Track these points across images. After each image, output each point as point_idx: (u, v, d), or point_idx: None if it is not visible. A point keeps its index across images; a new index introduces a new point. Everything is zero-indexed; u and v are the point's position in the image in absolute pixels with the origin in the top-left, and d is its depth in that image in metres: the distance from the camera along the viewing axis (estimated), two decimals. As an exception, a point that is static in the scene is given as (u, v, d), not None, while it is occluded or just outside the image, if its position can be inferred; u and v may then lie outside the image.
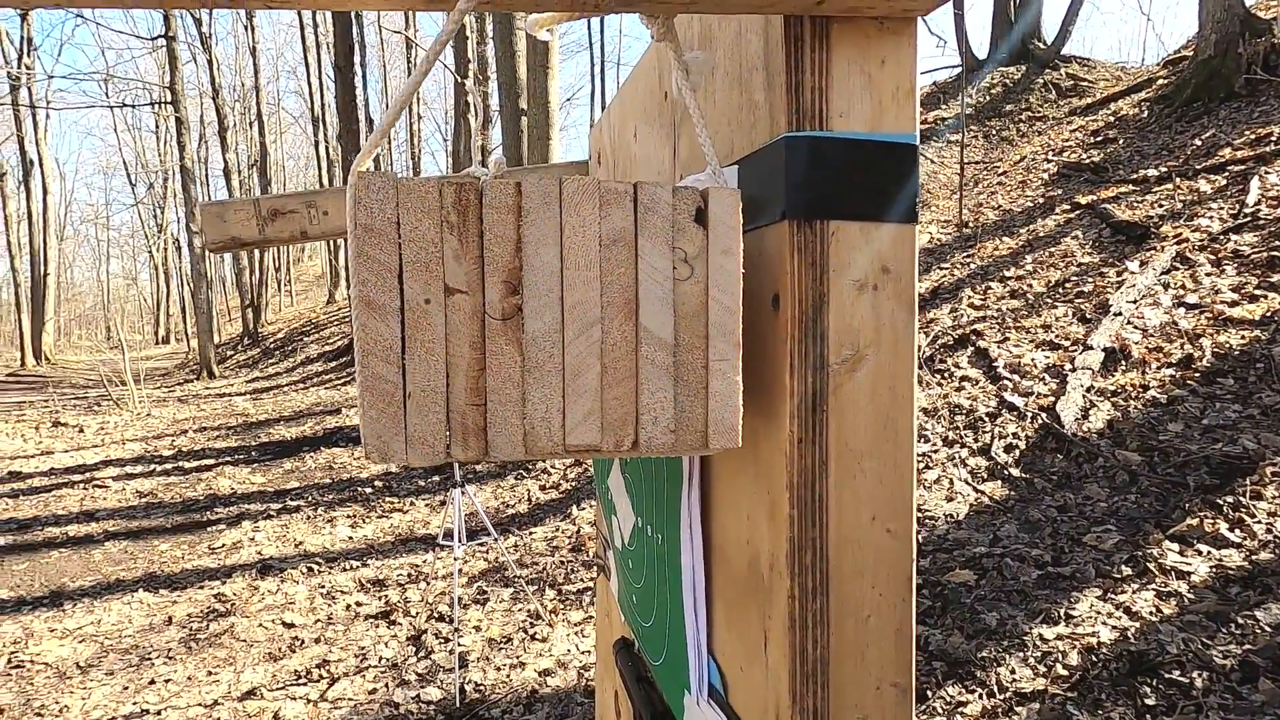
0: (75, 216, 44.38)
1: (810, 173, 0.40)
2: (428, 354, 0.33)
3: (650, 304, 0.35)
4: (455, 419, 0.34)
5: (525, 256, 0.34)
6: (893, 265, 0.41)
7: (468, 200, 0.33)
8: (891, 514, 0.42)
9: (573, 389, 0.34)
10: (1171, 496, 2.77)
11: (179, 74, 15.69)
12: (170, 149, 28.77)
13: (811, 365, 0.40)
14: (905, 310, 0.41)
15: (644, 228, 0.35)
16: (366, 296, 0.32)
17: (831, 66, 0.39)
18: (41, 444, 7.42)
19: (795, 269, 0.40)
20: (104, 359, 18.87)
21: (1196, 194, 5.23)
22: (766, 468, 0.43)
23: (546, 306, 0.34)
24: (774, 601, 0.43)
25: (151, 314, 42.18)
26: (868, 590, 0.42)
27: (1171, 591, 2.30)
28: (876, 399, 0.41)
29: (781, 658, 0.41)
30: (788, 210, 0.40)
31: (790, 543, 0.41)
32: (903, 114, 0.40)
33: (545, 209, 0.34)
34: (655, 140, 0.63)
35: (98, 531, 4.61)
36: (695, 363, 0.36)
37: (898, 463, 0.42)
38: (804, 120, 0.39)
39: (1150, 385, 3.45)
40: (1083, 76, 10.00)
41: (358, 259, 0.32)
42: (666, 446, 0.35)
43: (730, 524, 0.49)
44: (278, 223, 0.87)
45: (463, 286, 0.34)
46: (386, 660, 2.88)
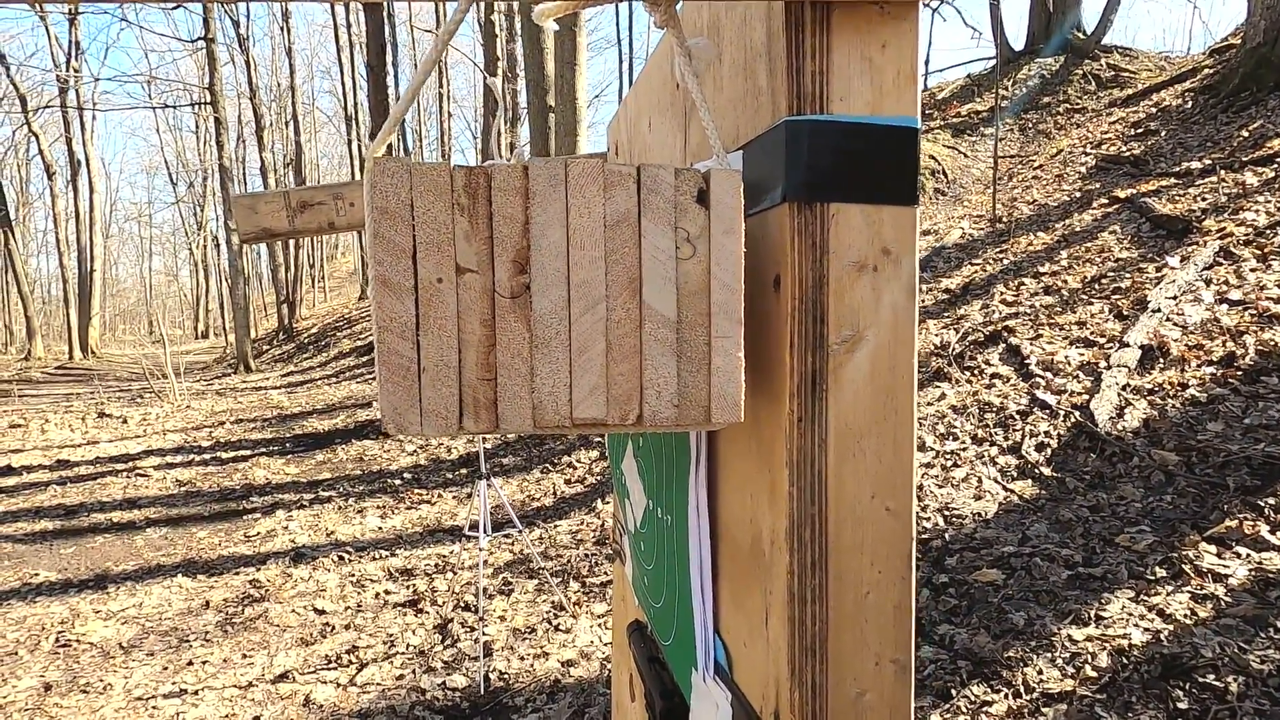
0: (120, 215, 45.82)
1: (810, 156, 0.40)
2: (441, 330, 0.35)
3: (654, 282, 0.36)
4: (467, 393, 0.35)
5: (533, 237, 0.35)
6: (893, 247, 0.41)
7: (478, 183, 0.35)
8: (891, 492, 0.42)
9: (579, 364, 0.36)
10: (1210, 497, 2.70)
11: (218, 75, 16.09)
12: (209, 148, 29.53)
13: (811, 345, 0.41)
14: (905, 291, 0.42)
15: (647, 208, 0.36)
16: (383, 276, 0.34)
17: (832, 51, 0.40)
18: (88, 434, 7.70)
19: (796, 250, 0.40)
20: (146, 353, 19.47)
21: (1242, 187, 5.06)
22: (768, 447, 0.44)
23: (553, 285, 0.35)
24: (774, 577, 0.44)
25: (191, 309, 43.37)
26: (867, 567, 0.42)
27: (1208, 594, 2.25)
28: (876, 379, 0.42)
29: (781, 632, 0.42)
30: (788, 192, 0.40)
31: (790, 519, 0.42)
32: (904, 98, 0.41)
33: (552, 191, 0.35)
34: (667, 129, 0.64)
35: (140, 518, 4.77)
36: (698, 339, 0.37)
37: (897, 441, 0.42)
38: (805, 104, 0.40)
39: (1189, 384, 3.36)
40: (1124, 67, 9.71)
41: (375, 240, 0.34)
42: (670, 420, 0.36)
43: (735, 503, 0.50)
44: (306, 214, 0.89)
45: (473, 266, 0.35)
46: (414, 648, 2.94)
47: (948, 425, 3.76)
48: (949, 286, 5.64)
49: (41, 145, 22.56)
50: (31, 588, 3.68)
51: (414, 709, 2.54)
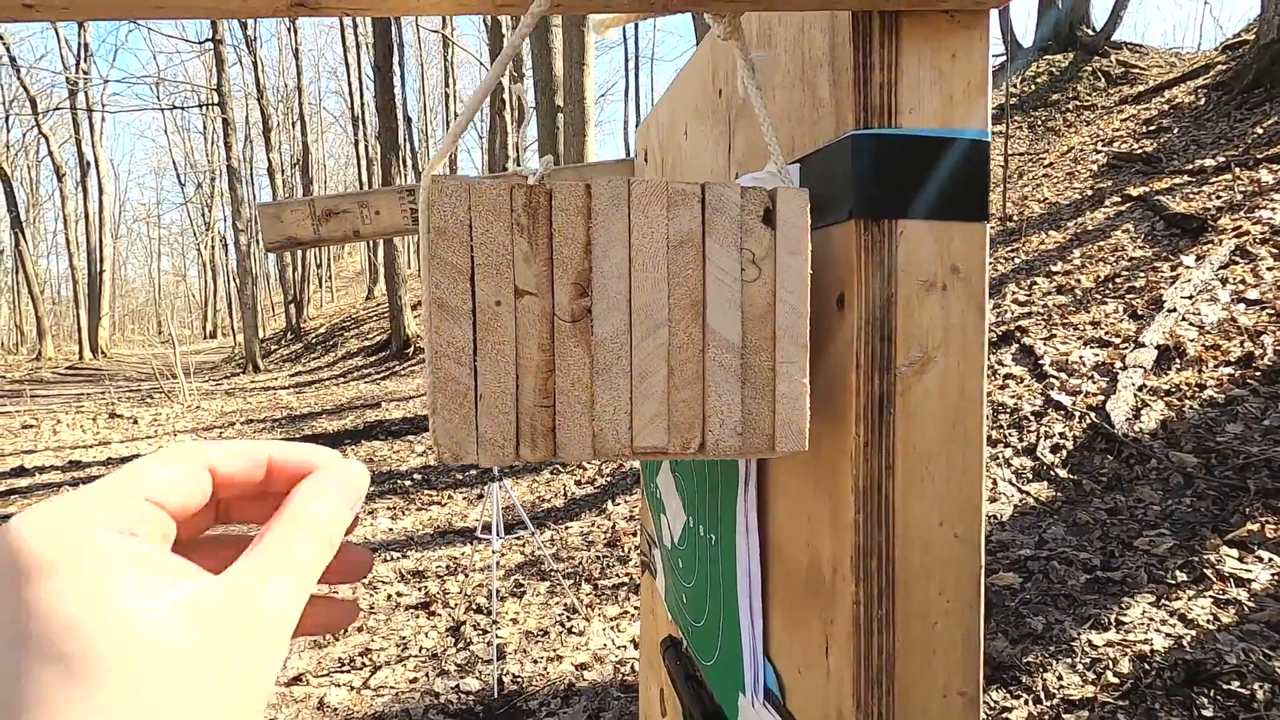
0: (128, 215, 46.10)
1: (878, 170, 0.39)
2: (499, 356, 0.34)
3: (717, 305, 0.35)
4: (524, 420, 0.34)
5: (594, 258, 0.34)
6: (962, 265, 0.40)
7: (538, 203, 0.33)
8: (960, 517, 0.41)
9: (640, 391, 0.34)
10: (1230, 500, 2.67)
11: (225, 76, 16.15)
12: (217, 149, 29.68)
13: (878, 367, 0.40)
14: (975, 310, 0.40)
15: (711, 229, 0.35)
16: (440, 298, 0.33)
17: (901, 61, 0.38)
18: (99, 434, 7.74)
19: (862, 269, 0.39)
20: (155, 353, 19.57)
21: (1258, 185, 5.01)
22: (830, 471, 0.42)
23: (615, 308, 0.34)
24: (837, 606, 0.42)
25: (199, 309, 43.61)
26: (935, 595, 0.41)
27: (1230, 599, 2.22)
28: (945, 400, 0.40)
29: (845, 662, 0.41)
30: (855, 209, 0.39)
31: (855, 547, 0.40)
32: (974, 110, 0.39)
33: (614, 210, 0.34)
34: (707, 138, 0.63)
35: (152, 519, 4.78)
36: (762, 365, 0.35)
37: (966, 465, 0.41)
38: (871, 117, 0.39)
39: (1207, 384, 3.32)
40: (1134, 64, 9.64)
41: (431, 262, 0.33)
42: (734, 449, 0.35)
43: (789, 526, 0.48)
44: (331, 223, 0.88)
45: (532, 288, 0.34)
46: (426, 650, 2.93)
47: (961, 426, 3.73)
48: (960, 286, 5.59)
49: (51, 147, 22.71)
50: (46, 589, 3.69)
51: (428, 712, 2.54)
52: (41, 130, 22.72)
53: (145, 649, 0.21)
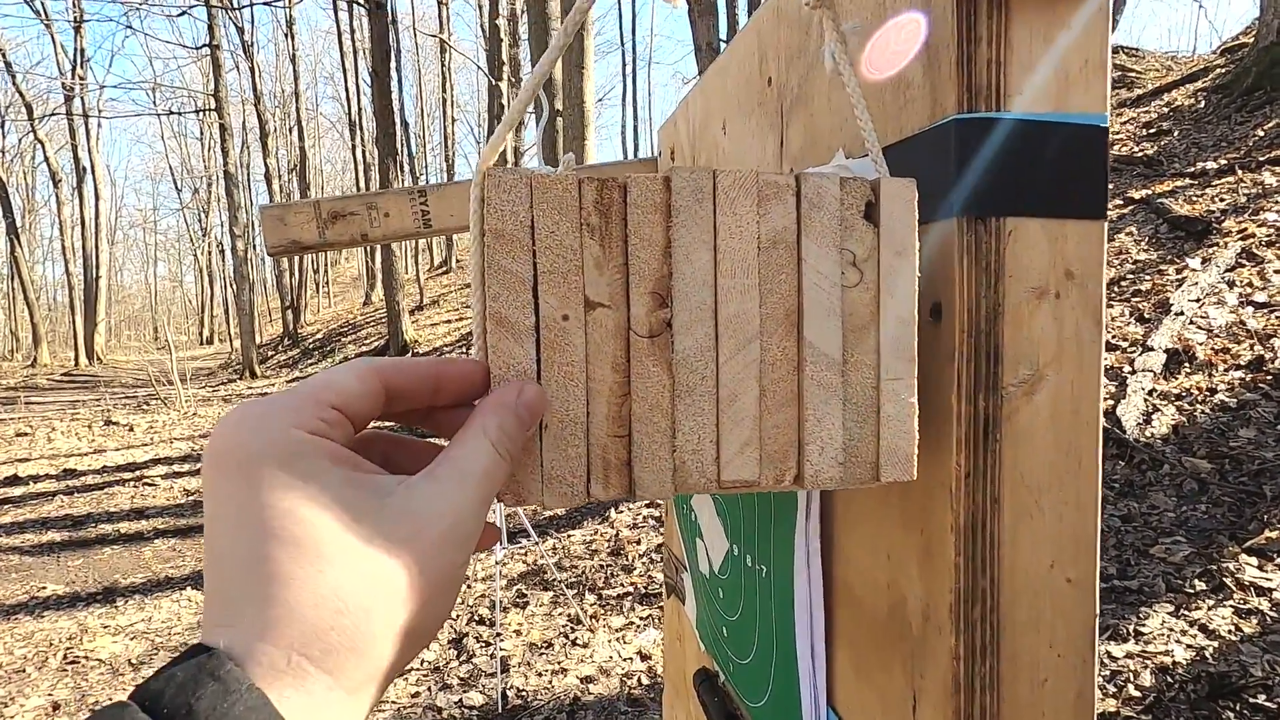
0: (125, 221, 45.98)
1: (985, 161, 0.34)
2: (566, 379, 0.29)
3: (816, 315, 0.30)
4: (596, 453, 0.29)
5: (675, 263, 0.29)
6: (1078, 269, 0.35)
7: (611, 199, 0.28)
8: (1073, 560, 0.36)
9: (728, 416, 0.29)
10: (1246, 507, 2.62)
11: (223, 81, 16.11)
12: (214, 155, 29.60)
13: (983, 387, 0.35)
14: (1092, 321, 0.35)
15: (808, 227, 0.30)
16: (498, 313, 0.28)
17: (1011, 36, 0.33)
18: (95, 442, 7.66)
19: (964, 274, 0.34)
20: (152, 359, 19.48)
21: (1261, 187, 4.99)
22: (921, 503, 0.37)
23: (699, 320, 0.29)
24: (930, 659, 0.37)
25: (196, 315, 43.45)
26: (1044, 649, 0.36)
27: (1252, 609, 2.17)
28: (1058, 425, 0.35)
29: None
30: (957, 205, 0.34)
31: (954, 593, 0.35)
32: (1092, 91, 0.34)
33: (698, 207, 0.29)
34: (752, 132, 0.58)
35: (148, 529, 4.71)
36: (865, 383, 0.30)
37: (1081, 499, 0.36)
38: (977, 99, 0.34)
39: (1218, 388, 3.28)
40: (1131, 67, 9.65)
41: (489, 270, 0.27)
42: (835, 480, 0.30)
43: (865, 563, 0.43)
44: (338, 225, 0.84)
45: (605, 300, 0.29)
46: (428, 663, 2.87)
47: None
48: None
49: (47, 152, 22.63)
50: (39, 601, 3.62)
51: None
52: (37, 136, 22.64)
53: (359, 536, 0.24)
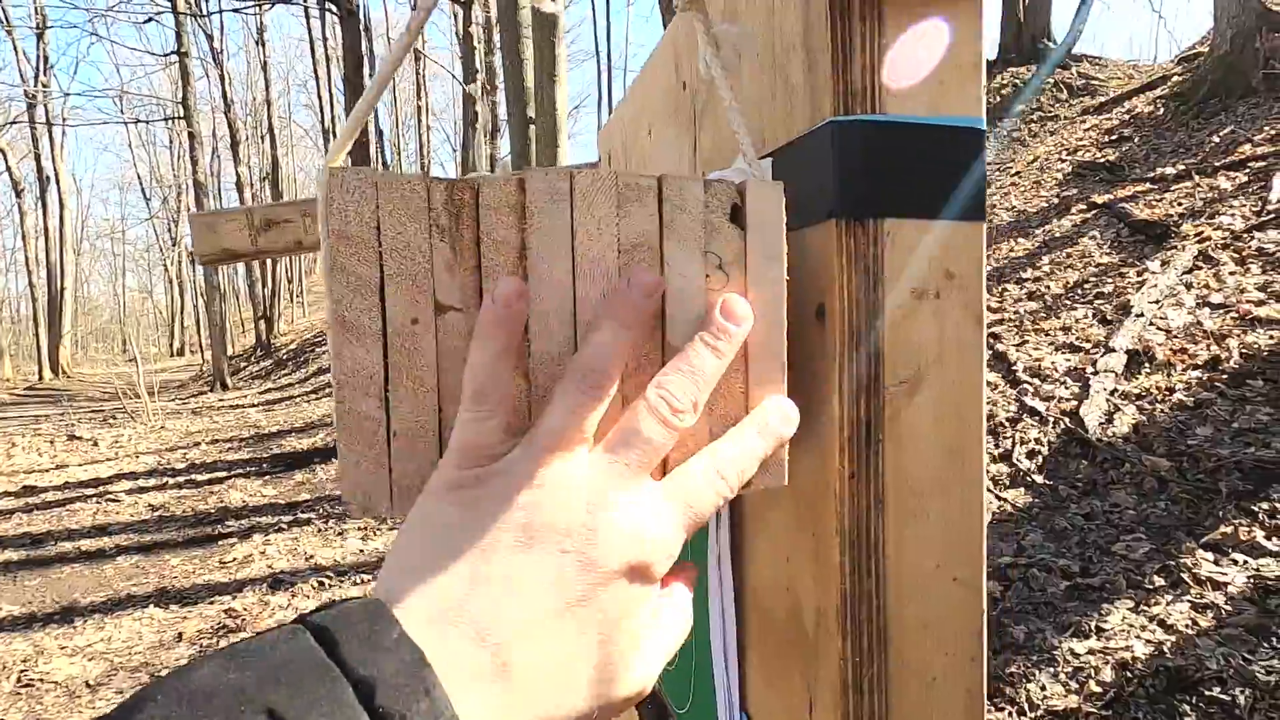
0: (91, 231, 45.00)
1: (862, 163, 0.34)
2: (417, 385, 0.28)
3: (679, 319, 0.29)
4: None
5: (531, 265, 0.28)
6: (957, 269, 0.35)
7: (461, 200, 0.28)
8: (959, 560, 0.36)
9: None
10: (1203, 503, 2.68)
11: (191, 89, 15.88)
12: (183, 164, 29.13)
13: (864, 388, 0.35)
14: (973, 321, 0.35)
15: (671, 229, 0.29)
16: (341, 316, 0.27)
17: (885, 40, 0.34)
18: (56, 458, 7.46)
19: (844, 276, 0.34)
20: (119, 372, 19.05)
21: (1217, 192, 5.13)
22: (811, 507, 0.37)
23: (556, 324, 0.29)
24: (822, 662, 0.37)
25: (166, 327, 42.64)
26: (933, 649, 0.36)
27: (1208, 603, 2.22)
28: (941, 426, 0.35)
29: (833, 728, 0.36)
30: (836, 207, 0.34)
31: (841, 596, 0.35)
32: (967, 93, 0.35)
33: (554, 208, 0.28)
34: (672, 136, 0.58)
35: (110, 546, 4.60)
36: (733, 388, 0.30)
37: (965, 500, 0.36)
38: (854, 103, 0.34)
39: (1176, 388, 3.36)
40: (1094, 75, 9.89)
41: (332, 273, 0.27)
42: None
43: (767, 567, 0.43)
44: (271, 233, 0.82)
45: (457, 303, 0.28)
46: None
47: (938, 434, 3.73)
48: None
49: (9, 162, 22.11)
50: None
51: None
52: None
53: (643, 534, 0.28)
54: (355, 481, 0.28)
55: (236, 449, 7.48)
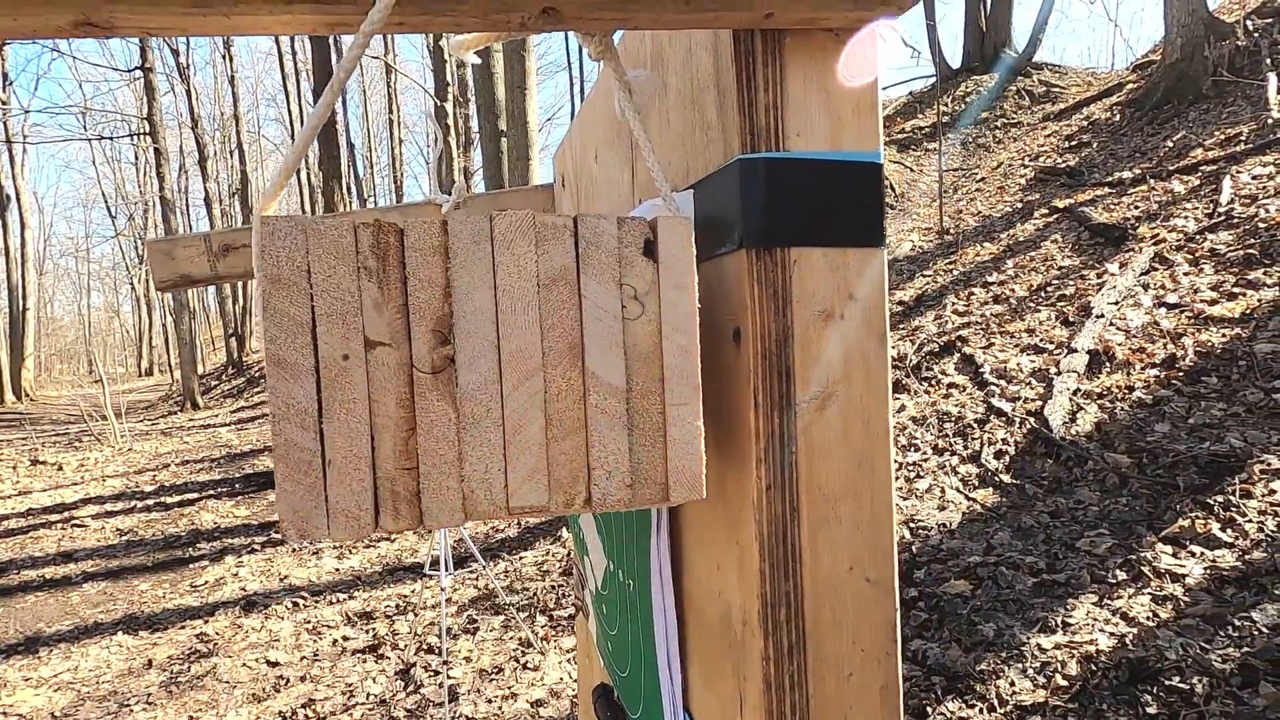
0: (55, 250, 43.96)
1: (767, 196, 0.37)
2: (349, 416, 0.30)
3: (598, 347, 0.32)
4: (384, 486, 0.30)
5: (455, 302, 0.30)
6: (860, 293, 0.38)
7: (387, 243, 0.30)
8: (871, 561, 0.39)
9: (515, 445, 0.31)
10: (1162, 498, 2.76)
11: (157, 105, 15.63)
12: (150, 180, 28.63)
13: (778, 404, 0.37)
14: (876, 340, 0.38)
15: (587, 264, 0.32)
16: (276, 355, 0.29)
17: (786, 83, 0.36)
18: (19, 483, 7.26)
19: (756, 301, 0.37)
20: (85, 394, 18.58)
21: (1171, 195, 5.30)
22: (734, 516, 0.40)
23: (481, 356, 0.31)
24: (748, 661, 0.39)
25: (134, 346, 41.71)
26: (848, 646, 0.38)
27: (1167, 595, 2.28)
28: (849, 438, 0.38)
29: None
30: (745, 237, 0.37)
31: (762, 598, 0.38)
32: (864, 130, 0.38)
33: (475, 249, 0.31)
34: (614, 164, 0.61)
35: (76, 573, 4.49)
36: (651, 409, 0.32)
37: (874, 506, 0.39)
38: (759, 141, 0.36)
39: (1135, 386, 3.46)
40: (1054, 82, 10.16)
41: (266, 314, 0.28)
42: (623, 502, 0.32)
43: (702, 574, 0.45)
44: (230, 258, 0.83)
45: (385, 339, 0.30)
46: (374, 696, 2.80)
47: (909, 436, 3.80)
48: (903, 299, 5.75)
49: (-33, 180, 21.53)
50: (-47, 656, 3.41)
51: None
52: (-44, 163, 21.55)
53: None
54: (292, 508, 0.29)
55: (208, 470, 7.34)
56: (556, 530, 4.24)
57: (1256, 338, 3.36)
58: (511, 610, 3.17)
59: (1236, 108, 6.21)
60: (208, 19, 0.25)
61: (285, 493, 0.29)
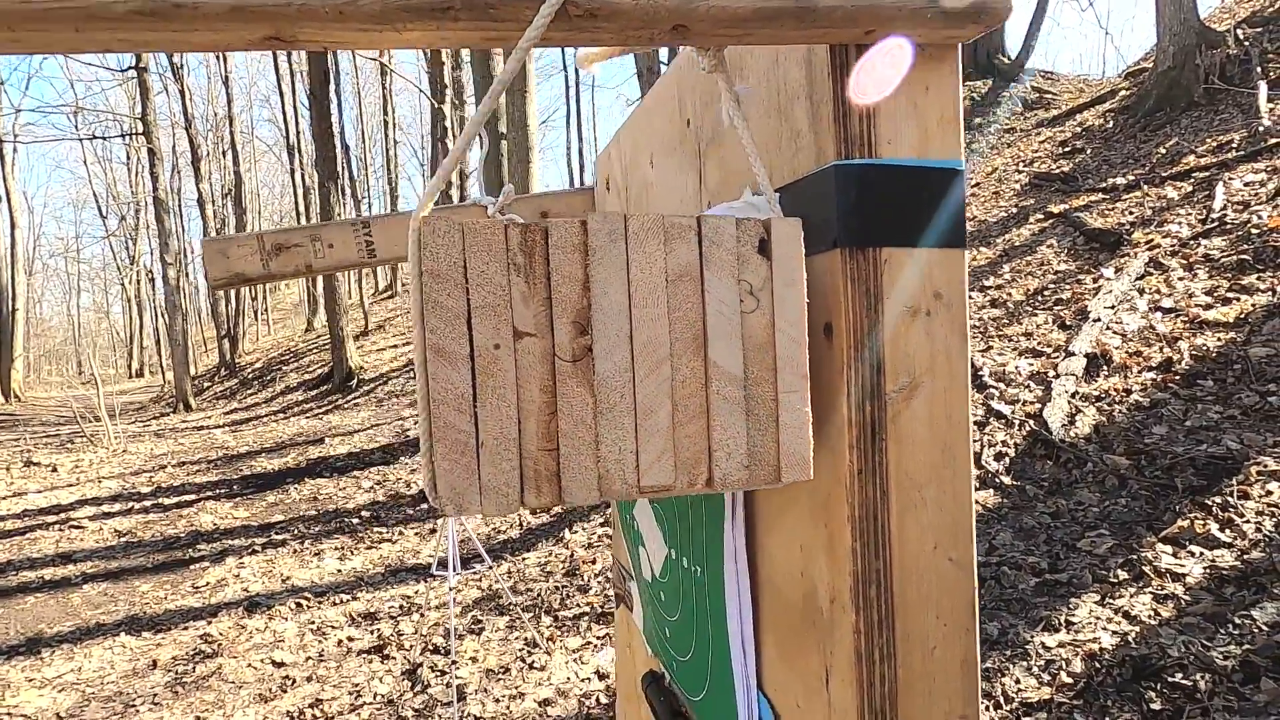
0: (44, 250, 43.60)
1: (861, 200, 0.39)
2: (499, 401, 0.32)
3: (719, 338, 0.34)
4: (528, 465, 0.33)
5: (593, 295, 0.33)
6: (944, 290, 0.40)
7: (534, 241, 0.33)
8: (953, 542, 0.41)
9: (645, 429, 0.34)
10: (1161, 499, 2.81)
11: (151, 105, 15.57)
12: (142, 180, 28.46)
13: (869, 394, 0.40)
14: (958, 335, 0.41)
15: (709, 261, 0.34)
16: (436, 344, 0.32)
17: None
18: (13, 485, 7.21)
19: (848, 297, 0.39)
20: (76, 394, 18.44)
21: (1165, 201, 5.37)
22: (824, 500, 0.42)
23: (616, 345, 0.33)
24: (836, 636, 0.42)
25: (124, 347, 41.42)
26: (933, 621, 0.41)
27: (1168, 594, 2.32)
28: (934, 426, 0.41)
29: (847, 693, 0.40)
30: (840, 238, 0.39)
31: (853, 576, 0.40)
32: (948, 139, 0.40)
33: (611, 246, 0.33)
34: (675, 168, 0.63)
35: (75, 574, 4.47)
36: (765, 396, 0.35)
37: (956, 490, 0.41)
38: (852, 148, 0.39)
39: (1133, 389, 3.51)
40: (1047, 89, 10.28)
41: (426, 306, 0.31)
42: (741, 482, 0.35)
43: (781, 557, 0.48)
44: (282, 257, 0.85)
45: (531, 329, 0.33)
46: (381, 697, 2.81)
47: (910, 439, 3.83)
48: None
49: (-43, 180, 21.36)
50: (-46, 657, 3.39)
51: (386, 763, 2.42)
52: (-55, 162, 21.37)
53: None
54: (450, 485, 0.32)
55: (205, 471, 7.32)
56: (559, 531, 4.25)
57: (1251, 342, 3.42)
58: (517, 610, 3.19)
59: (1228, 115, 6.30)
60: (383, 34, 0.28)
61: (444, 472, 0.32)
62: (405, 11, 0.27)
